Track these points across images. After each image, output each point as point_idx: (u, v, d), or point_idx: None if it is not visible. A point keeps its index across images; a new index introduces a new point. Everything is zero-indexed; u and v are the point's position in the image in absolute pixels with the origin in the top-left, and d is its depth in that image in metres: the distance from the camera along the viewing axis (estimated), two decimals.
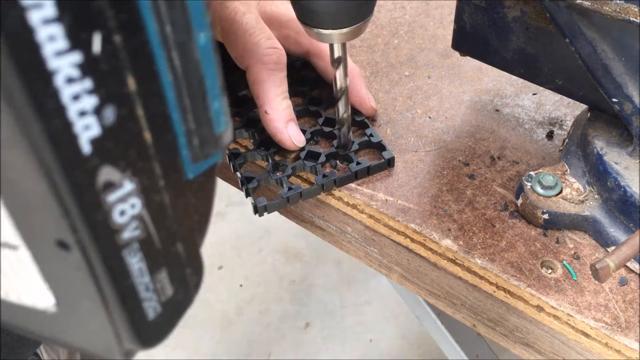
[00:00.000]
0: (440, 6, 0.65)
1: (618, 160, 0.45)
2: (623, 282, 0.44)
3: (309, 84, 0.55)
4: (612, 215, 0.45)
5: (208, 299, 1.47)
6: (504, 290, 0.44)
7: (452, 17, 0.49)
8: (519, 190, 0.47)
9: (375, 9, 0.66)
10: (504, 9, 0.45)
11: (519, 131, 0.53)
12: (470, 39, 0.48)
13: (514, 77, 0.50)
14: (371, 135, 0.51)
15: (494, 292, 0.45)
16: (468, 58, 0.51)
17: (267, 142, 0.51)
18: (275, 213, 0.57)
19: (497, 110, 0.55)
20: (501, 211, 0.48)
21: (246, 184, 0.48)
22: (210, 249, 1.56)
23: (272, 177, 0.49)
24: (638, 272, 0.44)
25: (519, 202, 0.47)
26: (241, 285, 1.49)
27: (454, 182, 0.50)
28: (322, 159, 0.50)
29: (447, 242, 0.46)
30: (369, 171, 0.50)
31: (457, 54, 0.51)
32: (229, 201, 1.66)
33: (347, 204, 0.50)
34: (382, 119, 0.55)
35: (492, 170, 0.50)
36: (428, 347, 1.38)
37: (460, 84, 0.57)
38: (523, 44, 0.46)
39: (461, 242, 0.46)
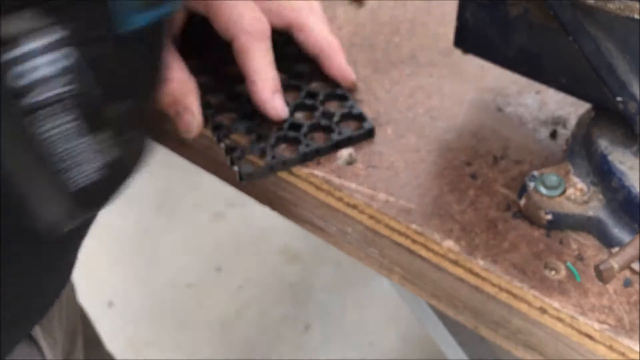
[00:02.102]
0: (442, 4, 0.64)
1: (622, 159, 0.44)
2: (627, 283, 0.43)
3: (292, 59, 0.56)
4: (617, 215, 0.44)
5: (206, 301, 1.47)
6: (507, 292, 0.44)
7: (454, 14, 0.49)
8: (522, 191, 0.47)
9: (376, 6, 0.66)
10: (506, 7, 0.45)
11: (521, 130, 0.53)
12: (473, 36, 0.48)
13: (516, 76, 0.49)
14: (352, 107, 0.53)
15: (497, 293, 0.44)
16: (470, 56, 0.51)
17: (250, 115, 0.53)
18: (275, 214, 0.57)
19: (499, 109, 0.55)
20: (504, 212, 0.47)
21: (230, 153, 0.50)
22: (208, 250, 1.56)
23: (256, 147, 0.50)
24: None
25: (522, 202, 0.46)
26: (240, 287, 1.49)
27: (455, 182, 0.49)
28: (305, 129, 0.51)
29: (449, 243, 0.45)
30: (350, 140, 0.51)
31: (459, 52, 0.51)
32: (227, 202, 1.65)
33: (348, 204, 0.49)
34: (383, 118, 0.54)
35: (494, 170, 0.50)
36: (429, 349, 1.37)
37: (462, 83, 0.57)
38: (526, 41, 0.45)
39: (463, 243, 0.45)
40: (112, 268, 1.53)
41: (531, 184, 0.46)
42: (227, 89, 0.54)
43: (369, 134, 0.52)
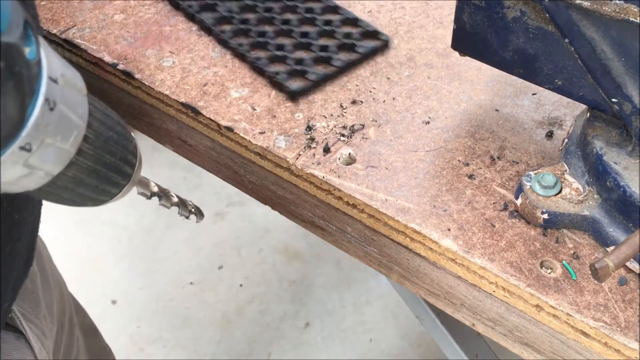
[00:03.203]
0: (440, 6, 0.65)
1: (617, 160, 0.45)
2: (622, 281, 0.44)
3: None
4: (612, 215, 0.45)
5: (208, 299, 1.47)
6: (504, 289, 0.44)
7: (452, 17, 0.49)
8: (519, 190, 0.47)
9: (376, 9, 0.66)
10: (503, 9, 0.45)
11: (518, 131, 0.53)
12: (470, 39, 0.48)
13: (513, 77, 0.50)
14: (367, 25, 0.62)
15: (494, 291, 0.45)
16: (467, 58, 0.52)
17: (282, 47, 0.61)
18: (276, 213, 0.58)
19: (496, 110, 0.55)
20: (501, 211, 0.48)
21: (275, 76, 0.57)
22: (210, 249, 1.56)
23: (297, 69, 0.58)
24: (637, 271, 0.44)
25: (519, 202, 0.47)
26: (241, 286, 1.49)
27: (453, 182, 0.50)
28: (333, 48, 0.60)
29: (447, 242, 0.46)
30: (374, 52, 0.60)
31: (456, 54, 0.51)
32: (229, 201, 1.66)
33: (347, 203, 0.50)
34: (382, 118, 0.55)
35: (491, 170, 0.51)
36: (428, 346, 1.38)
37: (460, 84, 0.57)
38: (522, 44, 0.46)
39: (461, 242, 0.46)
40: (115, 267, 1.53)
41: (527, 184, 0.47)
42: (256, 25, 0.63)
43: (387, 45, 0.61)
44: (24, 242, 0.47)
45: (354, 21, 0.63)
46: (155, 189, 0.44)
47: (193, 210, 0.48)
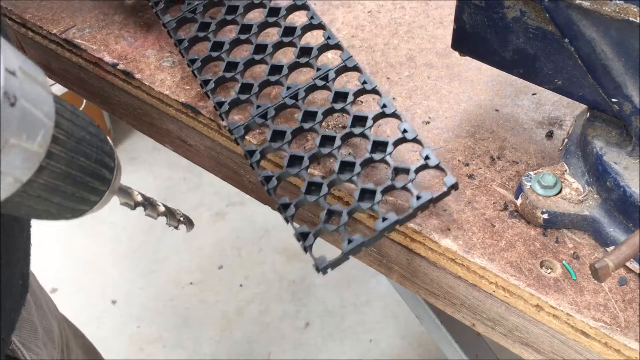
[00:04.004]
0: (440, 6, 0.65)
1: (617, 160, 0.45)
2: (622, 281, 0.44)
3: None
4: (612, 215, 0.45)
5: (208, 299, 1.47)
6: (504, 289, 0.44)
7: (452, 17, 0.49)
8: (519, 190, 0.47)
9: (375, 9, 0.66)
10: (503, 9, 0.45)
11: (518, 131, 0.53)
12: (470, 39, 0.48)
13: (513, 77, 0.50)
14: (427, 157, 0.45)
15: (494, 291, 0.45)
16: (467, 58, 0.52)
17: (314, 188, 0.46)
18: (276, 213, 0.57)
19: (496, 110, 0.55)
20: (501, 211, 0.48)
21: (303, 241, 0.44)
22: (210, 249, 1.56)
23: (328, 229, 0.44)
24: (637, 271, 0.44)
25: (519, 202, 0.47)
26: (241, 285, 1.50)
27: None
28: (378, 197, 0.44)
29: (447, 242, 0.46)
30: (432, 202, 0.44)
31: (456, 54, 0.51)
32: (229, 201, 1.66)
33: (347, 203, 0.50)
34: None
35: (491, 170, 0.51)
36: (428, 346, 1.38)
37: (460, 84, 0.57)
38: (522, 44, 0.46)
39: (461, 242, 0.46)
40: (115, 267, 1.54)
41: (527, 184, 0.47)
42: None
43: (454, 188, 0.44)
44: (18, 267, 0.45)
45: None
46: (139, 199, 0.41)
47: (182, 219, 0.45)
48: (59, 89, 1.50)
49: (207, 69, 0.56)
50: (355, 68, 0.51)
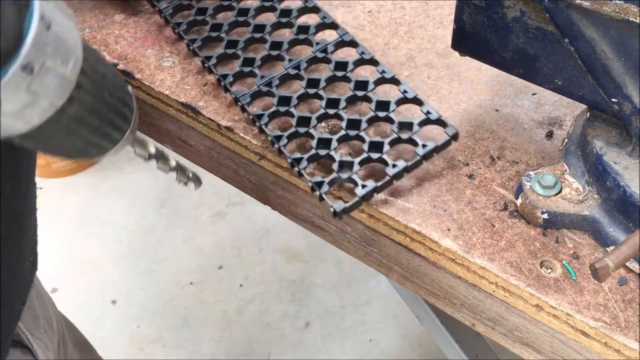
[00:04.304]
0: (440, 6, 0.65)
1: (617, 160, 0.45)
2: (622, 281, 0.44)
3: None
4: (612, 215, 0.45)
5: (208, 299, 1.47)
6: (504, 289, 0.44)
7: (452, 17, 0.49)
8: (519, 190, 0.47)
9: (375, 9, 0.66)
10: (503, 9, 0.45)
11: (518, 131, 0.53)
12: (470, 39, 0.48)
13: (513, 77, 0.50)
14: (429, 112, 0.50)
15: (494, 291, 0.45)
16: (467, 58, 0.52)
17: (325, 142, 0.50)
18: (276, 213, 0.58)
19: (496, 110, 0.55)
20: (501, 211, 0.48)
21: (318, 189, 0.47)
22: (210, 249, 1.56)
23: (342, 177, 0.47)
24: (637, 271, 0.44)
25: (519, 201, 0.47)
26: (241, 285, 1.50)
27: (453, 182, 0.50)
28: (387, 147, 0.49)
29: (447, 242, 0.46)
30: (435, 151, 0.48)
31: (456, 54, 0.51)
32: (229, 201, 1.66)
33: None
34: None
35: (491, 170, 0.51)
36: (428, 346, 1.38)
37: (460, 84, 0.57)
38: (522, 44, 0.46)
39: (461, 242, 0.46)
40: (115, 267, 1.54)
41: (527, 184, 0.47)
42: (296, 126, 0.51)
43: (454, 139, 0.49)
44: (29, 240, 0.46)
45: (415, 102, 0.52)
46: (154, 151, 0.42)
47: (191, 176, 0.46)
48: None
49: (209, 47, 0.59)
50: (352, 42, 0.56)
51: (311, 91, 0.53)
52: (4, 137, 0.31)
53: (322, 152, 0.49)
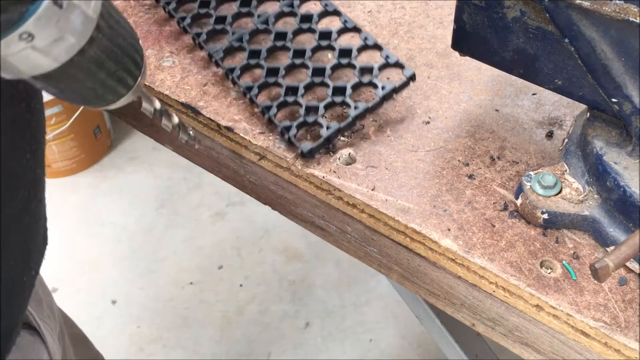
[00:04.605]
0: (440, 6, 0.65)
1: (617, 160, 0.45)
2: (622, 281, 0.44)
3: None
4: (612, 215, 0.45)
5: (208, 299, 1.47)
6: (504, 289, 0.44)
7: (452, 17, 0.49)
8: (519, 190, 0.47)
9: (375, 9, 0.66)
10: (503, 9, 0.45)
11: (518, 131, 0.53)
12: (470, 39, 0.48)
13: (513, 77, 0.50)
14: (387, 57, 0.55)
15: (494, 291, 0.45)
16: (467, 58, 0.52)
17: (293, 90, 0.55)
18: (276, 213, 0.58)
19: (496, 110, 0.55)
20: (501, 211, 0.48)
21: (287, 133, 0.52)
22: (210, 249, 1.56)
23: (308, 120, 0.52)
24: (637, 271, 0.44)
25: (519, 202, 0.47)
26: (241, 285, 1.50)
27: (453, 182, 0.50)
28: (349, 91, 0.53)
29: (447, 242, 0.46)
30: (394, 92, 0.53)
31: (456, 54, 0.51)
32: (229, 201, 1.66)
33: (347, 203, 0.50)
34: (382, 119, 0.55)
35: (491, 170, 0.51)
36: (428, 346, 1.38)
37: (460, 84, 0.57)
38: (522, 44, 0.46)
39: (461, 242, 0.46)
40: (115, 267, 1.54)
41: (527, 184, 0.47)
42: (267, 71, 0.56)
43: (412, 79, 0.53)
44: (42, 209, 0.47)
45: (374, 47, 0.56)
46: (159, 106, 0.44)
47: (192, 134, 0.48)
48: None
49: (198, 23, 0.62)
50: (336, 12, 0.59)
51: (279, 44, 0.58)
52: (33, 75, 0.32)
53: (290, 99, 0.53)
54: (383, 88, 0.53)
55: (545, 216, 0.45)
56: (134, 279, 1.51)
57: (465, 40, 0.49)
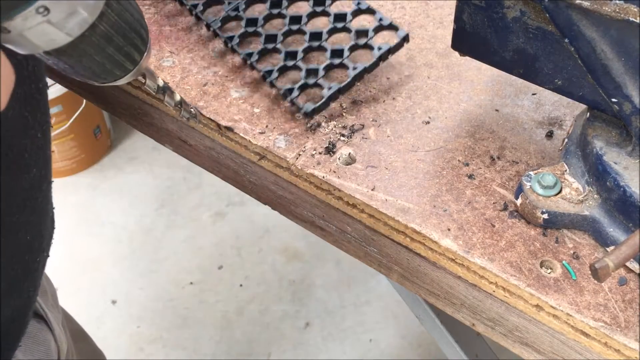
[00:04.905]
0: (440, 6, 0.65)
1: (617, 160, 0.45)
2: (622, 281, 0.44)
3: None
4: (612, 215, 0.45)
5: (208, 299, 1.47)
6: (504, 289, 0.44)
7: (452, 17, 0.49)
8: (519, 190, 0.47)
9: (376, 9, 0.66)
10: (503, 9, 0.45)
11: (518, 131, 0.53)
12: (470, 39, 0.48)
13: (513, 77, 0.50)
14: (381, 19, 0.57)
15: (494, 291, 0.45)
16: (467, 58, 0.52)
17: (292, 54, 0.57)
18: (276, 213, 0.58)
19: (496, 110, 0.55)
20: (501, 211, 0.48)
21: (289, 95, 0.54)
22: (210, 249, 1.56)
23: (309, 82, 0.54)
24: (637, 271, 0.44)
25: (519, 202, 0.47)
26: (241, 285, 1.50)
27: (453, 182, 0.50)
28: (347, 53, 0.56)
29: (447, 242, 0.46)
30: (390, 52, 0.56)
31: (456, 54, 0.51)
32: (229, 201, 1.66)
33: (347, 203, 0.50)
34: (382, 119, 0.55)
35: (491, 170, 0.51)
36: (428, 346, 1.38)
37: (460, 84, 0.57)
38: (522, 44, 0.46)
39: (461, 242, 0.46)
40: (115, 267, 1.54)
41: (527, 184, 0.47)
42: (265, 38, 0.58)
43: (405, 40, 0.56)
44: (51, 191, 0.49)
45: (368, 12, 0.59)
46: (162, 83, 0.45)
47: (193, 111, 0.49)
48: (59, 89, 1.50)
49: None
50: None
51: (274, 11, 0.60)
52: (47, 49, 0.33)
53: (290, 63, 0.56)
54: (379, 49, 0.55)
55: (545, 216, 0.45)
56: (134, 279, 1.51)
57: (465, 40, 0.49)
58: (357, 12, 0.59)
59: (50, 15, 0.30)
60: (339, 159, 0.52)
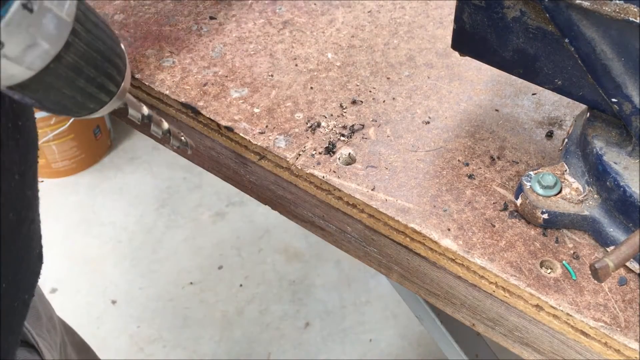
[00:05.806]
0: (440, 6, 0.65)
1: (617, 160, 0.45)
2: (622, 281, 0.44)
3: None
4: (612, 215, 0.45)
5: (208, 299, 1.47)
6: (504, 289, 0.44)
7: (452, 17, 0.49)
8: (519, 190, 0.47)
9: (376, 9, 0.66)
10: (503, 9, 0.45)
11: (518, 131, 0.53)
12: (470, 39, 0.48)
13: (513, 77, 0.50)
14: None
15: (494, 291, 0.45)
16: (467, 58, 0.52)
17: None
18: (276, 213, 0.58)
19: (496, 110, 0.55)
20: (501, 211, 0.48)
21: None
22: (210, 249, 1.56)
23: None
24: (637, 271, 0.44)
25: (519, 201, 0.47)
26: (241, 285, 1.50)
27: (453, 182, 0.50)
28: None
29: (447, 242, 0.46)
30: None
31: (456, 54, 0.51)
32: (228, 201, 1.66)
33: (347, 203, 0.50)
34: (382, 118, 0.55)
35: (491, 170, 0.51)
36: (428, 346, 1.38)
37: (460, 84, 0.57)
38: (522, 44, 0.46)
39: (461, 242, 0.46)
40: (115, 267, 1.54)
41: (527, 184, 0.47)
42: None
43: None
44: (36, 230, 0.46)
45: None
46: (147, 112, 0.42)
47: (184, 140, 0.46)
48: None
49: None
50: None
51: None
52: (7, 85, 0.31)
53: None
54: None
55: (545, 216, 0.45)
56: (134, 279, 1.51)
57: (465, 40, 0.49)
58: None
59: (4, 49, 0.28)
60: (339, 159, 0.52)
